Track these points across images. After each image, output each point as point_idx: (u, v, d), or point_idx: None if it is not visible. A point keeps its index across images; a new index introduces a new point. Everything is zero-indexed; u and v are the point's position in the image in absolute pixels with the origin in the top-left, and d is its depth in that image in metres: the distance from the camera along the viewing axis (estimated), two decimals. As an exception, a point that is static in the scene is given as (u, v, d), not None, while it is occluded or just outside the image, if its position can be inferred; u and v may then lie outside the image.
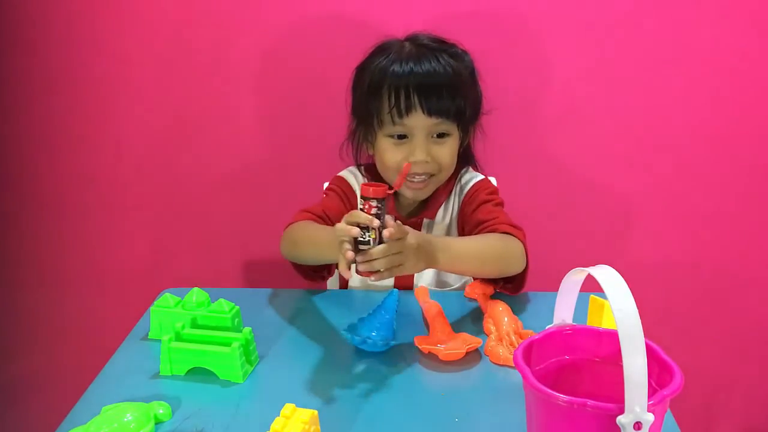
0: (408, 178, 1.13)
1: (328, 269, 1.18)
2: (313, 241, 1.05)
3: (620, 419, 0.58)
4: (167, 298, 1.01)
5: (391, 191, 0.87)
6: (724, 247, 1.48)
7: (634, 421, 0.57)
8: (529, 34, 1.34)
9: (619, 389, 0.58)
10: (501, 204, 1.18)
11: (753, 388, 1.60)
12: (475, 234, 1.12)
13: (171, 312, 0.99)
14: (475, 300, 1.10)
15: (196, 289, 1.01)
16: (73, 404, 0.87)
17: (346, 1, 1.33)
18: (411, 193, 1.16)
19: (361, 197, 0.87)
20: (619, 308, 0.57)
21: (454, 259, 1.00)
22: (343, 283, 1.41)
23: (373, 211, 0.84)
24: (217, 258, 1.54)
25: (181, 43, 1.37)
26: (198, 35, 1.37)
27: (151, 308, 1.01)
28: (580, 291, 0.73)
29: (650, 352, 0.64)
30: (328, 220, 1.15)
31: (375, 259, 0.85)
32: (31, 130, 1.46)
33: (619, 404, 0.58)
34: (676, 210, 1.45)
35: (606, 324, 0.78)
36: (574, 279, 0.72)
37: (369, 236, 0.84)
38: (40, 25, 1.38)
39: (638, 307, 0.59)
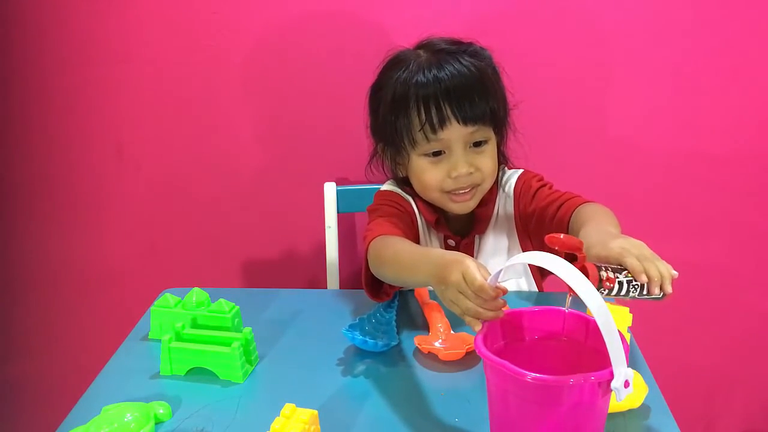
0: (452, 192, 1.06)
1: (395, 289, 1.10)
2: (408, 269, 0.94)
3: (613, 384, 0.64)
4: (167, 298, 1.01)
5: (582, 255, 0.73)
6: (724, 247, 1.47)
7: (624, 381, 0.64)
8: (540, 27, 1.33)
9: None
10: (552, 185, 1.11)
11: (753, 388, 1.59)
12: (554, 216, 1.03)
13: (171, 312, 0.99)
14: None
15: (196, 289, 1.01)
16: (73, 404, 0.87)
17: (345, 2, 1.34)
18: (458, 207, 1.08)
19: (599, 288, 0.72)
20: (591, 304, 0.63)
21: None
22: (343, 283, 1.41)
23: (613, 275, 0.74)
24: (217, 258, 1.54)
25: (182, 43, 1.37)
26: (199, 35, 1.36)
27: (151, 308, 1.01)
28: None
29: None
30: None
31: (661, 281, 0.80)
32: (32, 131, 1.46)
33: (606, 370, 0.64)
34: (676, 210, 1.45)
35: None
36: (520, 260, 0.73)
37: (635, 288, 0.77)
38: (39, 24, 1.37)
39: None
